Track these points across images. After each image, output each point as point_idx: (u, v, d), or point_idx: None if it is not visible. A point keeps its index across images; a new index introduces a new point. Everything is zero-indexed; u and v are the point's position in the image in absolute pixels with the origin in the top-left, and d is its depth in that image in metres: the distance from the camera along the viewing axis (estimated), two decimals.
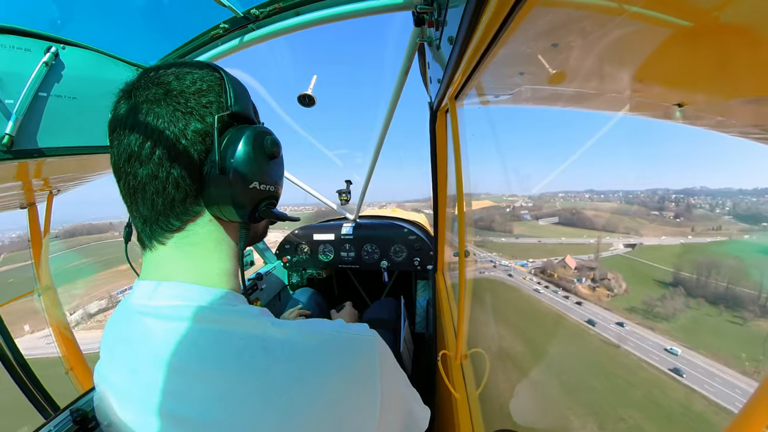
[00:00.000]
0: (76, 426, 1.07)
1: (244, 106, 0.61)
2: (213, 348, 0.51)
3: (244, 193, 0.58)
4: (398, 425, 0.62)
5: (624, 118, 0.71)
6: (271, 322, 0.55)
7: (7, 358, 2.29)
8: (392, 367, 0.63)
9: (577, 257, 17.56)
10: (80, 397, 1.21)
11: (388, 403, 0.57)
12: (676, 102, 0.50)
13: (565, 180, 58.89)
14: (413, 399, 0.71)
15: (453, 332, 1.61)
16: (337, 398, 0.51)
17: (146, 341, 0.55)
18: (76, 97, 1.30)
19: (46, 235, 2.82)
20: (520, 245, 20.21)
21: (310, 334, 0.55)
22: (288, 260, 2.90)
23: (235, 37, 1.48)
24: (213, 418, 0.49)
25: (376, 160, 2.28)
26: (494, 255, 19.30)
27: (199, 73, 0.59)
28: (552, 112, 9.07)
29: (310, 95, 1.62)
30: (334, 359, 0.54)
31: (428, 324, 2.35)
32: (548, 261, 17.24)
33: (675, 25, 0.36)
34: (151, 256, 0.60)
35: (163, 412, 0.52)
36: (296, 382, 0.50)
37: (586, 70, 0.65)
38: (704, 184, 57.36)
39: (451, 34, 0.79)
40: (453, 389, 1.25)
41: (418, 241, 2.61)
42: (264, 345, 0.52)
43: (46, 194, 2.50)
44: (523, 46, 0.68)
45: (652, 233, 17.02)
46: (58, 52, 1.21)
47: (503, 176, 10.22)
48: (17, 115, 1.10)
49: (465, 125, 1.33)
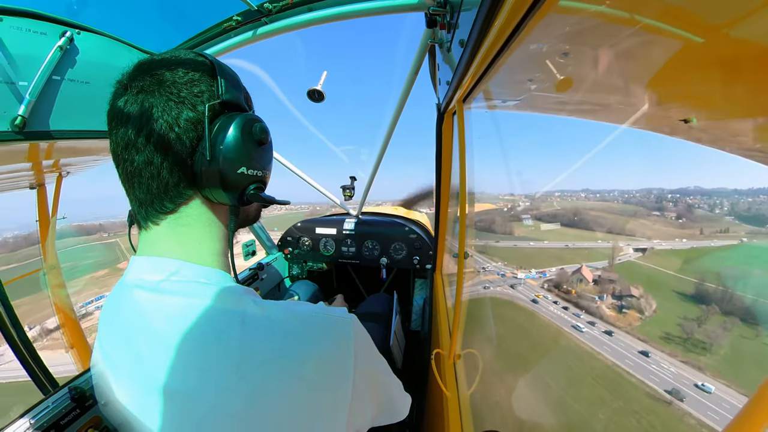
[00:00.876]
0: (74, 403, 1.08)
1: (235, 94, 0.64)
2: (192, 320, 0.53)
3: (232, 177, 0.61)
4: (374, 407, 0.65)
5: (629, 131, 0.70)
6: (252, 301, 0.58)
7: (11, 334, 2.31)
8: (368, 350, 0.65)
9: (589, 265, 15.80)
10: (79, 375, 1.22)
11: (362, 384, 0.59)
12: (682, 118, 0.50)
13: (566, 185, 57.43)
14: (392, 384, 0.73)
15: (448, 332, 1.61)
16: (311, 377, 0.53)
17: (136, 313, 0.57)
18: (89, 81, 1.30)
19: (53, 216, 2.84)
20: (523, 250, 18.96)
21: (289, 313, 0.58)
22: (289, 252, 2.91)
23: (248, 30, 1.48)
24: (187, 388, 0.51)
25: (381, 158, 2.28)
26: (497, 262, 18.03)
27: (192, 64, 0.61)
28: (559, 120, 9.01)
29: (319, 90, 1.62)
30: (310, 339, 0.56)
31: (424, 322, 2.35)
32: (561, 273, 15.56)
33: (686, 40, 0.35)
34: (146, 235, 0.63)
35: (150, 384, 0.54)
36: (272, 359, 0.52)
37: (595, 80, 0.64)
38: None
39: (462, 37, 0.78)
40: (444, 388, 1.25)
41: (418, 240, 2.62)
42: (242, 320, 0.54)
43: (56, 176, 2.52)
44: (533, 52, 0.68)
45: (662, 234, 14.45)
46: (73, 36, 1.21)
47: (507, 180, 9.85)
48: (30, 97, 1.11)
49: (471, 128, 1.32)
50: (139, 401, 0.56)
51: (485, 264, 16.35)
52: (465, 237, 1.41)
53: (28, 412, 1.03)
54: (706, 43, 0.34)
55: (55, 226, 2.89)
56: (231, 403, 0.49)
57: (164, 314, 0.55)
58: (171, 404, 0.51)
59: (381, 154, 2.24)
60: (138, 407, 0.56)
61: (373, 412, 0.64)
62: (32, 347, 2.46)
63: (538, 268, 16.21)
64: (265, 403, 0.50)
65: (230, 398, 0.49)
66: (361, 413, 0.60)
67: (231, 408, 0.49)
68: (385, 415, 0.70)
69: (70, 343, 3.02)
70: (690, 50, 0.36)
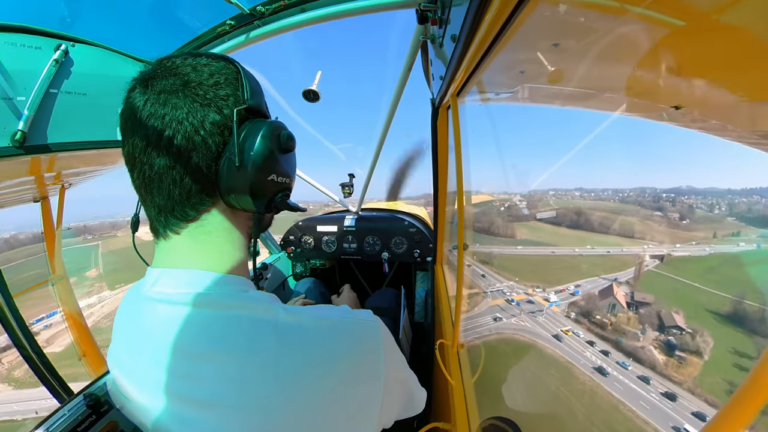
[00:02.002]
0: (89, 410, 1.08)
1: (258, 100, 0.62)
2: (224, 331, 0.52)
3: (262, 185, 0.59)
4: (399, 404, 0.65)
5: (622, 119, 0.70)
6: (282, 308, 0.56)
7: (24, 347, 2.32)
8: (394, 350, 0.65)
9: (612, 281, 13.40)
10: (93, 382, 1.23)
11: (391, 383, 0.59)
12: (674, 104, 0.50)
13: (560, 177, 57.39)
14: (412, 380, 0.73)
15: (450, 322, 1.62)
16: (345, 379, 0.53)
17: (157, 326, 0.55)
18: (86, 93, 1.30)
19: (58, 227, 2.84)
20: (530, 259, 17.42)
21: (319, 319, 0.57)
22: (292, 251, 2.92)
23: (242, 33, 1.47)
24: (225, 399, 0.50)
25: (378, 154, 2.28)
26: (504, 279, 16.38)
27: (216, 65, 0.59)
28: (552, 111, 8.93)
29: (314, 90, 1.61)
30: (342, 343, 0.55)
31: (427, 314, 2.37)
32: (589, 296, 12.89)
33: (675, 27, 0.35)
34: (164, 244, 0.60)
35: (174, 394, 0.53)
36: (306, 365, 0.51)
37: (586, 70, 0.64)
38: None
39: (454, 32, 0.78)
40: (449, 376, 1.26)
41: (418, 233, 2.62)
42: (276, 329, 0.53)
43: (58, 188, 2.52)
44: (524, 45, 0.67)
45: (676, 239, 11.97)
46: (68, 49, 1.21)
47: (502, 172, 9.72)
48: (29, 111, 1.11)
49: (466, 121, 1.32)
50: (173, 413, 0.54)
51: (490, 283, 15.01)
52: (463, 229, 1.41)
53: (46, 421, 1.04)
54: (695, 28, 0.34)
55: (61, 237, 2.89)
56: (271, 414, 0.49)
57: (189, 328, 0.53)
58: (208, 416, 0.50)
59: (378, 151, 2.24)
60: (171, 419, 0.54)
61: (398, 408, 0.65)
62: (45, 357, 2.48)
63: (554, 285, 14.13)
64: (303, 411, 0.50)
65: (270, 409, 0.49)
66: (389, 410, 0.61)
67: (271, 418, 0.49)
68: (406, 409, 0.70)
69: (83, 352, 3.03)
70: (678, 37, 0.36)
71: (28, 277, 2.93)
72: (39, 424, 1.03)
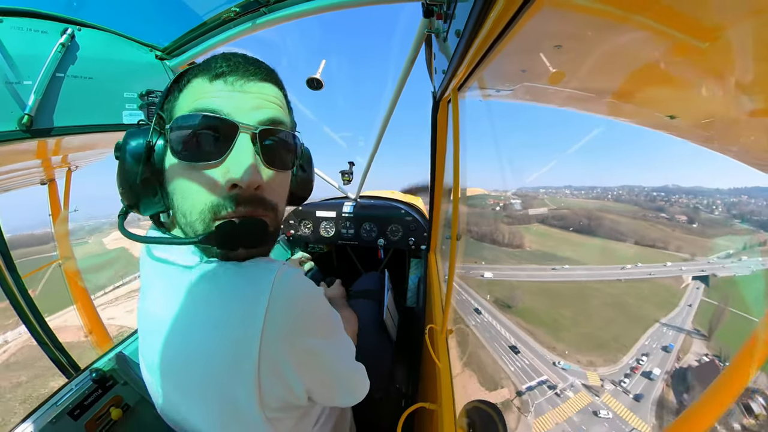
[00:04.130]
0: (95, 384, 1.10)
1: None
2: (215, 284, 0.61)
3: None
4: (297, 380, 0.59)
5: (618, 124, 0.70)
6: (252, 262, 0.64)
7: (32, 324, 2.34)
8: (297, 302, 0.59)
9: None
10: (99, 358, 1.24)
11: (275, 330, 0.55)
12: (668, 114, 0.50)
13: (552, 176, 56.59)
14: (342, 362, 0.69)
15: (440, 309, 1.64)
16: (221, 317, 0.57)
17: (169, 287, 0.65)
18: (92, 77, 1.28)
19: (66, 209, 2.83)
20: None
21: (229, 266, 0.62)
22: (292, 235, 2.93)
23: (248, 20, 1.44)
24: (170, 326, 0.62)
25: (378, 144, 2.27)
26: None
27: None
28: (550, 111, 8.78)
29: (318, 79, 1.60)
30: (232, 291, 0.58)
31: (418, 299, 2.39)
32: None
33: (676, 39, 0.35)
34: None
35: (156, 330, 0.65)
36: (194, 307, 0.60)
37: (586, 74, 0.63)
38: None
39: (458, 28, 0.77)
40: (437, 359, 1.28)
41: (413, 222, 2.64)
42: (192, 272, 0.64)
43: (65, 171, 2.50)
44: (527, 44, 0.67)
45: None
46: (74, 33, 1.18)
47: (499, 165, 9.56)
48: (36, 95, 1.09)
49: (466, 116, 1.31)
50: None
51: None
52: (458, 220, 1.42)
53: (54, 395, 1.06)
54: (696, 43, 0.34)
55: (68, 219, 2.88)
56: (185, 336, 0.60)
57: (201, 284, 0.62)
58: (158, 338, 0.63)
59: (378, 141, 2.23)
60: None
61: (300, 386, 0.60)
62: (52, 333, 2.49)
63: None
64: (201, 336, 0.58)
65: (186, 333, 0.60)
66: (272, 385, 0.56)
67: (185, 339, 0.60)
68: (322, 393, 0.66)
69: (89, 329, 3.06)
70: (680, 49, 0.36)
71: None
72: (47, 399, 1.05)
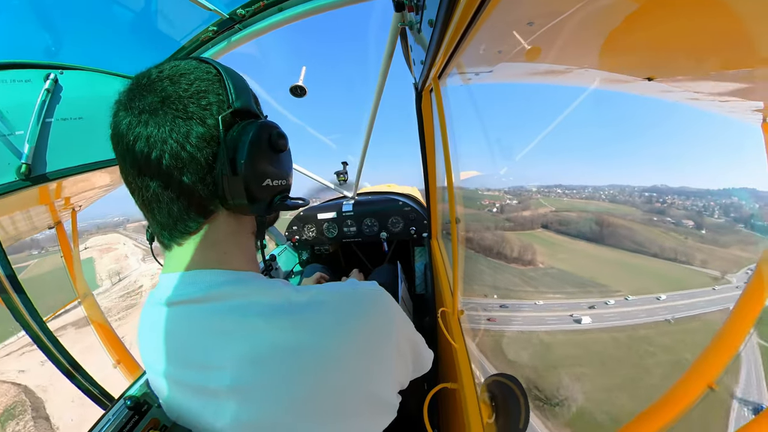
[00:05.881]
0: (131, 411, 1.11)
1: (245, 100, 0.57)
2: (241, 317, 0.51)
3: (258, 191, 0.55)
4: (410, 362, 0.67)
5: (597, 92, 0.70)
6: (294, 290, 0.56)
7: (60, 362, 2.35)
8: (401, 314, 0.66)
9: None
10: (131, 386, 1.25)
11: (402, 341, 0.62)
12: (646, 76, 0.49)
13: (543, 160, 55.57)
14: (419, 340, 0.75)
15: (450, 291, 1.65)
16: (364, 344, 0.53)
17: (173, 326, 0.55)
18: (82, 116, 1.27)
19: (75, 248, 2.84)
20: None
21: (329, 292, 0.56)
22: (297, 240, 2.95)
23: (224, 38, 1.43)
24: (248, 382, 0.49)
25: (368, 141, 2.28)
26: None
27: (195, 73, 0.54)
28: (530, 87, 8.68)
29: (301, 86, 1.59)
30: (355, 308, 0.55)
31: (427, 285, 2.40)
32: None
33: None
34: (172, 253, 0.58)
35: (195, 387, 0.54)
36: (324, 336, 0.51)
37: (561, 46, 0.63)
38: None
39: (431, 17, 0.76)
40: (452, 341, 1.29)
41: (412, 212, 2.65)
42: (289, 309, 0.52)
43: (70, 212, 2.49)
44: (500, 25, 0.66)
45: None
46: (56, 77, 1.18)
47: (487, 147, 9.45)
48: (29, 143, 1.09)
49: (449, 102, 1.31)
50: (195, 404, 0.55)
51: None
52: (454, 204, 1.42)
53: (94, 427, 1.07)
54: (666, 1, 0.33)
55: (79, 257, 2.89)
56: (292, 391, 0.48)
57: (210, 320, 0.52)
58: (230, 402, 0.50)
59: (367, 138, 2.23)
60: (194, 409, 0.55)
61: (410, 367, 0.67)
62: (81, 367, 2.50)
63: None
64: (330, 379, 0.49)
65: (291, 386, 0.48)
66: (403, 368, 0.63)
67: (293, 395, 0.48)
68: (416, 368, 0.73)
69: (117, 360, 3.08)
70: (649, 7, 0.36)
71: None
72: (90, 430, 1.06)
